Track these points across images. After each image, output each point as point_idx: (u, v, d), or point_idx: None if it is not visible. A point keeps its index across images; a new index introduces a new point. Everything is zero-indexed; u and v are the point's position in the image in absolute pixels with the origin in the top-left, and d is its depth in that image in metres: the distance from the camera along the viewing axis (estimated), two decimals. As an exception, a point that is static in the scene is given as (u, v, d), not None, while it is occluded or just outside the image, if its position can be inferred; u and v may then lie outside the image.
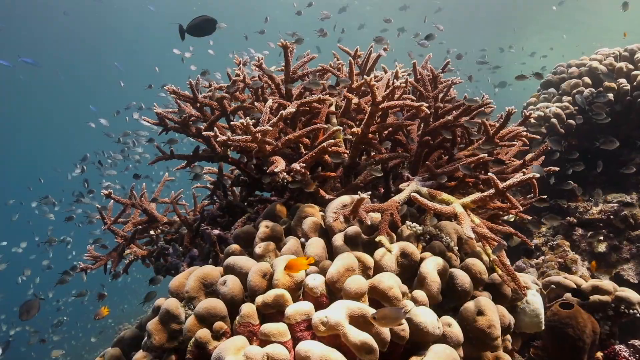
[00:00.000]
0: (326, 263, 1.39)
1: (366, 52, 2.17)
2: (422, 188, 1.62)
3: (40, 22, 16.02)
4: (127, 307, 12.12)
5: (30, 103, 21.30)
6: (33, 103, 21.40)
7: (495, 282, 1.60)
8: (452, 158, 1.86)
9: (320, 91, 2.25)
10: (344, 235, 1.48)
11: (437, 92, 1.86)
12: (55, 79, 18.67)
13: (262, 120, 1.62)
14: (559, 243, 2.78)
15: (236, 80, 2.00)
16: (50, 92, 20.50)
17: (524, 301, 1.70)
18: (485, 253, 1.58)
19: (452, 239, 1.60)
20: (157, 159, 2.32)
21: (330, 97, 1.73)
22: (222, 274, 1.49)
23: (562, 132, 3.30)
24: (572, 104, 3.41)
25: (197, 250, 2.28)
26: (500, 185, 1.32)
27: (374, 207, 1.49)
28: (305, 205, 1.67)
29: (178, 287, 1.45)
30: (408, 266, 1.44)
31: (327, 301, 1.28)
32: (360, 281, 1.24)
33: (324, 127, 1.68)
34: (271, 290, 1.26)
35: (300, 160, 1.59)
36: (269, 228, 1.63)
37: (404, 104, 1.66)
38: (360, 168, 1.91)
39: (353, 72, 1.86)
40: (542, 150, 1.92)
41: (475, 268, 1.50)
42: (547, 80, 3.86)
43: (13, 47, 16.41)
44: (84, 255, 2.40)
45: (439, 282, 1.36)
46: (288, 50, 1.81)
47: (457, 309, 1.46)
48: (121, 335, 2.11)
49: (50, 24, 16.23)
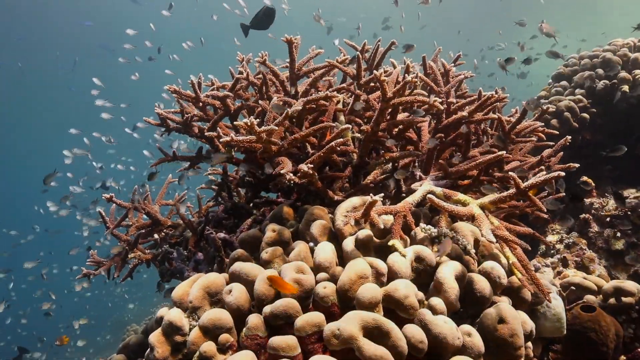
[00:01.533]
0: (337, 269, 1.32)
1: (374, 46, 2.09)
2: (436, 188, 1.54)
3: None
4: (138, 303, 12.15)
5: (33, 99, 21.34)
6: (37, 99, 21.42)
7: (514, 285, 1.52)
8: (465, 156, 1.77)
9: (326, 88, 2.17)
10: (355, 240, 1.40)
11: (450, 87, 1.78)
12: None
13: (267, 119, 1.54)
14: (575, 241, 2.69)
15: (239, 78, 1.93)
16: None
17: (544, 305, 1.62)
18: (504, 255, 1.50)
19: (469, 241, 1.52)
20: (160, 161, 2.25)
21: (337, 94, 1.65)
22: (227, 281, 1.42)
23: (575, 126, 3.20)
24: (585, 97, 3.31)
25: (202, 253, 2.21)
26: (522, 184, 1.23)
27: (386, 209, 1.41)
28: (313, 208, 1.59)
29: (182, 296, 1.38)
30: (423, 271, 1.36)
31: (338, 311, 1.21)
32: (374, 290, 1.16)
33: (332, 126, 1.61)
34: (279, 300, 1.19)
35: (308, 161, 1.51)
36: (275, 232, 1.55)
37: (416, 100, 1.58)
38: (369, 167, 1.83)
39: (361, 67, 1.78)
40: (560, 145, 1.84)
41: (494, 272, 1.42)
42: (558, 72, 3.75)
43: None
44: (87, 261, 2.34)
45: (457, 288, 1.28)
46: (293, 45, 1.73)
47: (476, 316, 1.38)
48: (126, 341, 2.06)
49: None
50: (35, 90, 20.13)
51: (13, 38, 16.04)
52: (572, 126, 3.20)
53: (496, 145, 1.82)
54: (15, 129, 22.66)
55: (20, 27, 16.41)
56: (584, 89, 3.37)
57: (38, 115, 22.28)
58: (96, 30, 16.80)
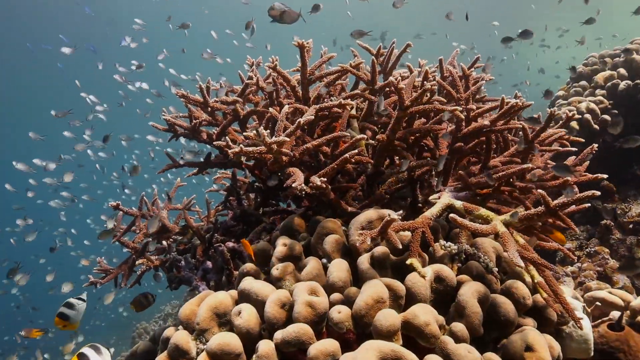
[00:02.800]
0: (351, 290, 1.25)
1: (388, 48, 2.00)
2: (455, 201, 1.46)
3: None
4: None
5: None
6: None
7: (538, 304, 1.43)
8: (486, 165, 1.69)
9: (338, 91, 2.09)
10: (371, 257, 1.33)
11: (470, 93, 1.69)
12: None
13: (277, 128, 1.47)
14: (597, 250, 2.59)
15: (249, 84, 1.86)
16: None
17: (570, 325, 1.53)
18: (528, 274, 1.41)
19: (491, 258, 1.44)
20: (167, 167, 2.19)
21: (351, 102, 1.57)
22: (236, 300, 1.36)
23: (596, 129, 3.08)
24: (606, 98, 3.18)
25: (211, 262, 2.15)
26: (552, 203, 1.15)
27: (404, 225, 1.33)
28: (326, 221, 1.52)
29: (189, 316, 1.32)
30: (443, 292, 1.29)
31: (354, 337, 1.14)
32: (393, 317, 1.09)
33: (345, 135, 1.53)
34: (291, 326, 1.12)
35: (321, 174, 1.44)
36: (286, 246, 1.48)
37: (435, 108, 1.49)
38: (385, 177, 1.75)
39: (376, 72, 1.70)
40: (587, 153, 1.74)
41: (518, 292, 1.34)
42: (577, 72, 3.63)
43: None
44: (94, 269, 2.30)
45: (481, 312, 1.20)
46: (305, 49, 1.65)
47: (498, 339, 1.30)
48: (134, 348, 2.01)
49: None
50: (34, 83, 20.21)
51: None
52: (593, 128, 3.09)
53: (518, 154, 1.73)
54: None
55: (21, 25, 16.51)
56: (605, 89, 3.25)
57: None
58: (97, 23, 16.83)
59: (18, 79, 19.61)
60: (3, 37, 17.02)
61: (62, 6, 16.68)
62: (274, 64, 1.67)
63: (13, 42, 17.22)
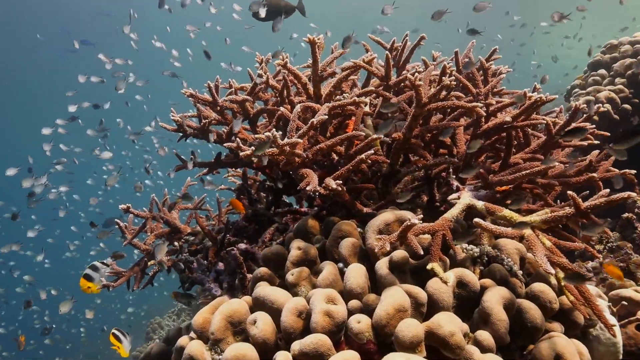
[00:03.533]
0: (370, 297, 1.20)
1: (401, 41, 1.93)
2: (476, 202, 1.40)
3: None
4: (156, 295, 12.28)
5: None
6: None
7: (564, 307, 1.37)
8: (506, 162, 1.62)
9: (350, 87, 2.03)
10: (389, 262, 1.28)
11: (489, 87, 1.62)
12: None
13: (290, 129, 1.42)
14: (620, 244, 2.50)
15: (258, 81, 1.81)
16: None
17: (597, 327, 1.47)
18: (555, 277, 1.35)
19: (514, 260, 1.38)
20: (178, 168, 2.16)
21: (365, 99, 1.51)
22: (250, 306, 1.32)
23: (616, 119, 2.98)
24: (627, 87, 3.07)
25: (223, 263, 2.12)
26: (583, 205, 1.08)
27: (423, 228, 1.28)
28: (341, 223, 1.47)
29: (203, 325, 1.29)
30: (466, 297, 1.23)
31: (375, 348, 1.09)
32: (416, 327, 1.04)
33: (360, 134, 1.47)
34: (309, 337, 1.08)
35: (336, 176, 1.39)
36: (301, 250, 1.44)
37: (454, 105, 1.43)
38: (400, 176, 1.69)
39: (390, 68, 1.64)
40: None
41: (544, 296, 1.28)
42: (595, 60, 3.51)
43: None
44: (106, 272, 2.28)
45: (507, 320, 1.15)
46: (316, 46, 1.59)
47: (524, 346, 1.25)
48: (148, 350, 2.00)
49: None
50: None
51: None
52: (613, 118, 2.99)
53: (539, 150, 1.66)
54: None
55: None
56: (625, 77, 3.14)
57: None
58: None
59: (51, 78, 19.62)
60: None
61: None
62: (285, 61, 1.62)
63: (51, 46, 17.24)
